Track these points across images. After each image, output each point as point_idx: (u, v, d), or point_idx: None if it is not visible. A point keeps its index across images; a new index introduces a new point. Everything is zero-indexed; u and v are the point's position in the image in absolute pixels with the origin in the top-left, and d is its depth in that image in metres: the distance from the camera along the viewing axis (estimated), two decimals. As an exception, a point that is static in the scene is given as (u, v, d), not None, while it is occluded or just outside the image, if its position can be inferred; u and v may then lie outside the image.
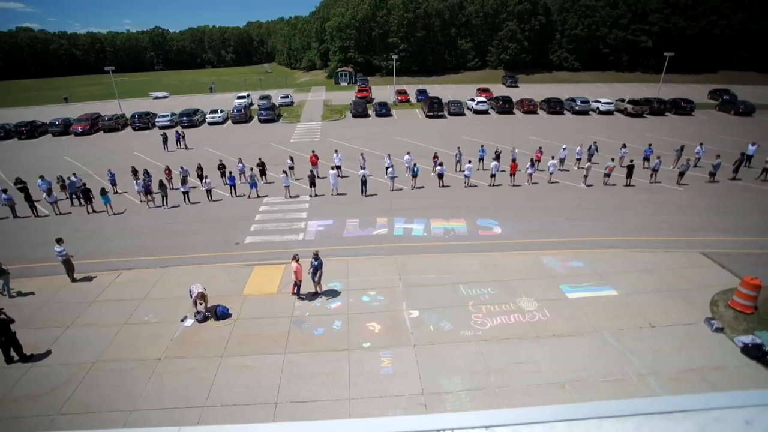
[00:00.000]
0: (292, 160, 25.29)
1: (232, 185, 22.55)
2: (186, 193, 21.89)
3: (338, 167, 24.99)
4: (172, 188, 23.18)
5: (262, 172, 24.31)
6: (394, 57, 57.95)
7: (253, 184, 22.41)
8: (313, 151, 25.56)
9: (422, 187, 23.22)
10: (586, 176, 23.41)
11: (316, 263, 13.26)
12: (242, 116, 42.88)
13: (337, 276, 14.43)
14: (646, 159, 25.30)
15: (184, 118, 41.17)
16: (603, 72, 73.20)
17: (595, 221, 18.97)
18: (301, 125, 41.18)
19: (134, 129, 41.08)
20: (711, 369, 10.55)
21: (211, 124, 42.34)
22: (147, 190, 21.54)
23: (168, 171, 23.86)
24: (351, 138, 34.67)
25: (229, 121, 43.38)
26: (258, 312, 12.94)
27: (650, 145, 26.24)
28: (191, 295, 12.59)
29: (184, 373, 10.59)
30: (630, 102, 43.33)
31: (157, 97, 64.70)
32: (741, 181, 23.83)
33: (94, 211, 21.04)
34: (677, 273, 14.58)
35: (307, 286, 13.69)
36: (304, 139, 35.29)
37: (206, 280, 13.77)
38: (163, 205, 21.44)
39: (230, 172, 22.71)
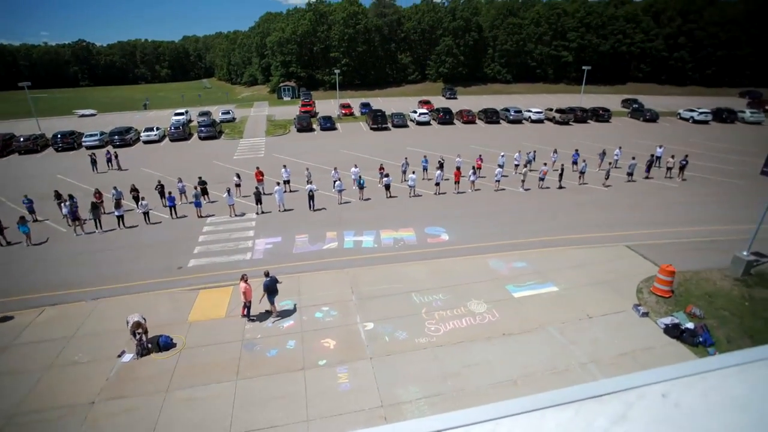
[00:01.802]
0: (239, 177, 24.55)
1: (172, 206, 21.41)
2: (120, 217, 20.43)
3: (287, 182, 24.67)
4: (104, 212, 21.58)
5: (204, 191, 23.35)
6: (337, 71, 58.39)
7: (198, 203, 21.44)
8: (258, 168, 24.99)
9: (369, 199, 23.46)
10: (523, 181, 24.91)
11: (267, 281, 12.93)
12: (181, 134, 40.92)
13: (288, 294, 14.12)
14: (574, 163, 27.43)
15: (116, 136, 38.52)
16: (532, 84, 78.69)
17: (534, 222, 20.20)
18: (244, 141, 40.10)
19: (56, 150, 37.72)
20: (641, 351, 11.57)
21: (146, 142, 39.97)
22: (74, 216, 19.81)
23: (98, 194, 22.11)
24: (297, 153, 34.31)
25: (167, 139, 41.23)
26: (205, 339, 12.32)
27: (577, 150, 28.53)
28: (128, 326, 11.69)
29: (123, 414, 9.79)
30: (557, 111, 46.91)
31: (83, 115, 59.82)
32: (653, 179, 26.58)
33: (8, 243, 19.00)
34: (607, 266, 15.88)
35: (258, 307, 13.28)
36: (248, 156, 34.38)
37: (146, 310, 12.90)
38: (97, 229, 19.88)
39: (170, 193, 21.57)
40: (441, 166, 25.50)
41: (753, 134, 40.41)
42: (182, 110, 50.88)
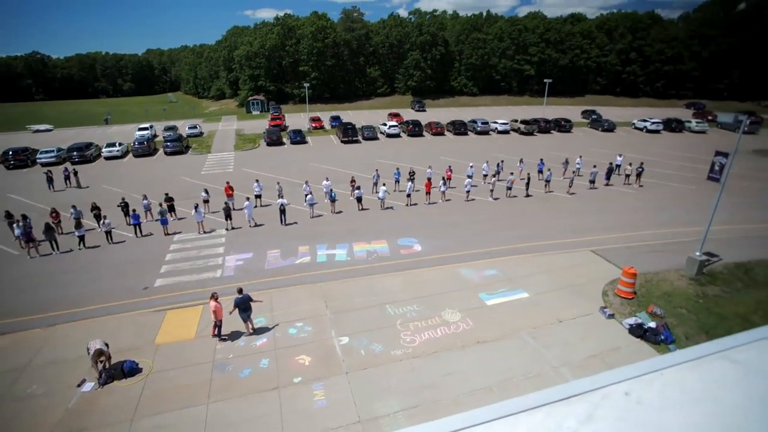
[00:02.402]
0: (207, 192, 23.95)
1: (137, 224, 20.58)
2: (81, 237, 19.43)
3: (258, 196, 24.28)
4: (62, 233, 20.46)
5: (171, 208, 22.60)
6: (306, 85, 58.39)
7: (164, 221, 20.70)
8: (227, 183, 24.48)
9: (341, 212, 23.40)
10: (492, 190, 25.57)
11: (239, 298, 12.59)
12: (145, 149, 39.55)
13: (261, 311, 13.80)
14: (540, 172, 28.44)
15: (74, 153, 36.77)
16: (497, 96, 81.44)
17: (503, 231, 20.71)
18: (212, 156, 39.24)
19: (7, 168, 35.58)
20: (609, 351, 12.00)
21: (108, 158, 38.37)
22: (28, 237, 18.67)
23: (55, 214, 20.93)
24: (267, 167, 33.88)
25: (130, 155, 39.78)
26: (174, 361, 11.82)
27: (542, 159, 29.61)
28: (89, 354, 11.05)
29: (86, 445, 9.23)
30: (522, 122, 48.72)
31: (38, 131, 56.77)
32: (613, 186, 27.92)
33: (-46, 269, 17.68)
34: (574, 270, 16.46)
35: (229, 326, 12.90)
36: (217, 171, 33.65)
37: (109, 334, 12.28)
38: (53, 251, 18.82)
39: (134, 210, 20.74)
40: (412, 178, 25.82)
41: (699, 142, 43.26)
42: (147, 125, 49.32)
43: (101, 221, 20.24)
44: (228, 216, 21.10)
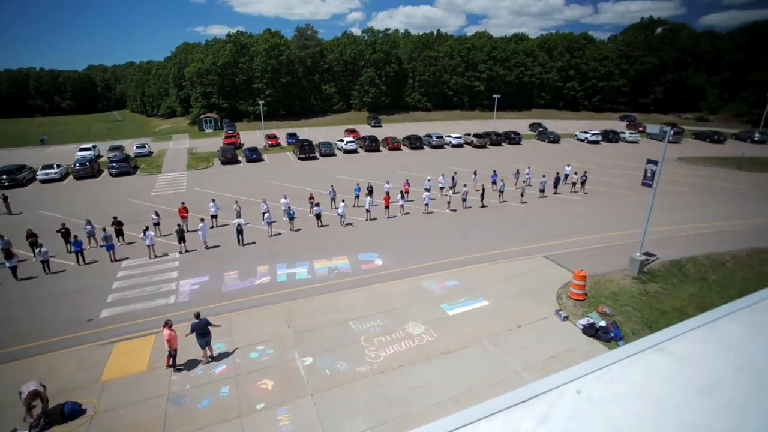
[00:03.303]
0: (158, 214, 22.78)
1: (79, 251, 19.12)
2: (13, 269, 17.76)
3: (214, 217, 23.43)
4: (-12, 266, 18.64)
5: (119, 232, 21.26)
6: (261, 102, 57.65)
7: (110, 246, 19.39)
8: (182, 203, 23.45)
9: (300, 229, 23.07)
10: (449, 203, 26.25)
11: (196, 323, 11.98)
12: (87, 170, 37.09)
13: (219, 336, 13.18)
14: (494, 183, 29.60)
15: (4, 176, 33.83)
16: (451, 111, 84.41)
17: (462, 241, 21.25)
18: (163, 176, 37.50)
19: None
20: (566, 352, 12.53)
21: (44, 181, 35.62)
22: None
23: (-20, 245, 19.08)
24: (222, 186, 32.85)
25: (70, 177, 37.18)
26: (123, 398, 10.98)
27: (495, 171, 30.88)
28: (21, 398, 9.86)
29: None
30: (475, 135, 50.71)
31: None
32: (561, 194, 29.59)
33: None
34: (529, 276, 17.15)
35: (186, 354, 12.22)
36: (168, 191, 32.16)
37: (46, 374, 11.25)
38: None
39: (75, 237, 19.28)
40: (370, 193, 25.99)
41: (633, 151, 46.95)
42: (89, 145, 46.48)
43: (37, 249, 18.66)
44: (181, 238, 20.16)
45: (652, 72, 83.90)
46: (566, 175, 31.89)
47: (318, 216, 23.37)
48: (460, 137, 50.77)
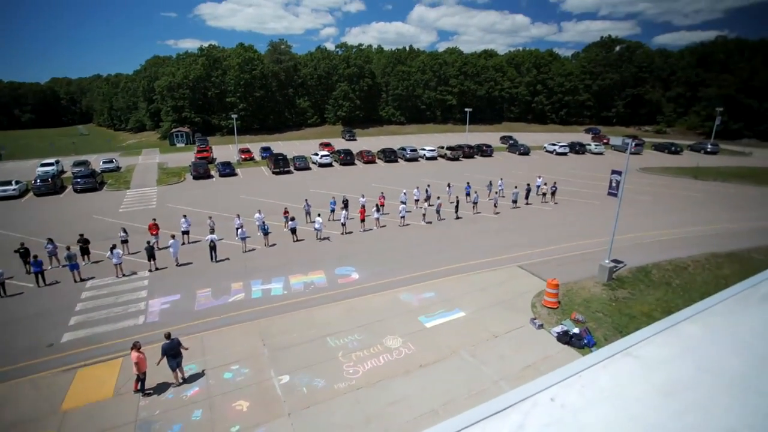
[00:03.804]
0: (125, 231, 21.94)
1: (39, 272, 18.10)
2: (-39, 294, 16.62)
3: (186, 233, 22.76)
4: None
5: (85, 251, 20.30)
6: (234, 116, 56.91)
7: (73, 266, 18.45)
8: (153, 220, 22.69)
9: (275, 244, 22.71)
10: (424, 215, 26.51)
11: (166, 344, 11.50)
12: (50, 187, 35.40)
13: (191, 357, 12.71)
14: (467, 194, 30.12)
15: (-46, 195, 31.97)
16: (424, 124, 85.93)
17: (438, 253, 21.43)
18: (131, 192, 36.25)
19: None
20: (541, 360, 12.74)
21: (1, 198, 33.79)
22: None
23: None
24: (194, 201, 32.05)
25: (31, 194, 35.40)
26: (86, 428, 10.36)
27: (468, 183, 31.46)
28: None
29: None
30: (448, 148, 51.66)
31: None
32: (532, 205, 30.43)
33: None
34: (504, 286, 17.43)
35: (155, 377, 11.69)
36: (137, 207, 31.08)
37: (1, 406, 10.49)
38: None
39: (35, 257, 18.27)
40: (346, 206, 25.95)
41: (598, 162, 48.96)
42: (51, 160, 44.52)
43: (-8, 272, 17.56)
44: (151, 256, 19.45)
45: (613, 87, 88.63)
46: (537, 186, 32.85)
47: (293, 230, 23.08)
48: (434, 150, 51.61)
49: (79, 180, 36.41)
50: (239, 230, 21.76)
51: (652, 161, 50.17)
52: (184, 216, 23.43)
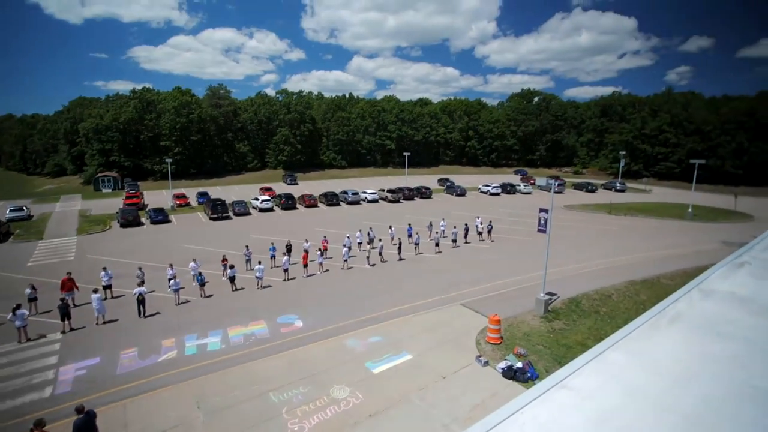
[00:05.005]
0: (34, 288, 19.40)
1: None
2: None
3: (107, 287, 20.65)
4: None
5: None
6: (169, 160, 54.46)
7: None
8: (68, 273, 20.33)
9: (212, 295, 21.32)
10: (368, 257, 26.54)
11: (79, 420, 10.00)
12: (-65, 241, 30.83)
13: (110, 430, 11.16)
14: (410, 236, 30.81)
15: None
16: (364, 168, 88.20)
17: (383, 295, 21.35)
18: (44, 243, 32.54)
19: None
20: (489, 398, 12.82)
21: None
22: None
23: None
24: (120, 252, 29.45)
25: None
26: None
27: (410, 224, 32.27)
28: None
29: None
30: (389, 191, 53.13)
31: None
32: (471, 243, 31.77)
33: None
34: (449, 325, 17.65)
35: (63, 460, 10.05)
36: (51, 261, 27.84)
37: None
38: None
39: None
40: (288, 251, 25.31)
41: (528, 202, 52.86)
42: None
43: None
44: (65, 315, 17.28)
45: (535, 133, 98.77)
46: (476, 225, 34.48)
47: (232, 279, 21.88)
48: (375, 193, 52.75)
49: (-23, 232, 32.18)
50: (171, 281, 20.22)
51: (573, 199, 55.16)
52: (104, 268, 21.36)
